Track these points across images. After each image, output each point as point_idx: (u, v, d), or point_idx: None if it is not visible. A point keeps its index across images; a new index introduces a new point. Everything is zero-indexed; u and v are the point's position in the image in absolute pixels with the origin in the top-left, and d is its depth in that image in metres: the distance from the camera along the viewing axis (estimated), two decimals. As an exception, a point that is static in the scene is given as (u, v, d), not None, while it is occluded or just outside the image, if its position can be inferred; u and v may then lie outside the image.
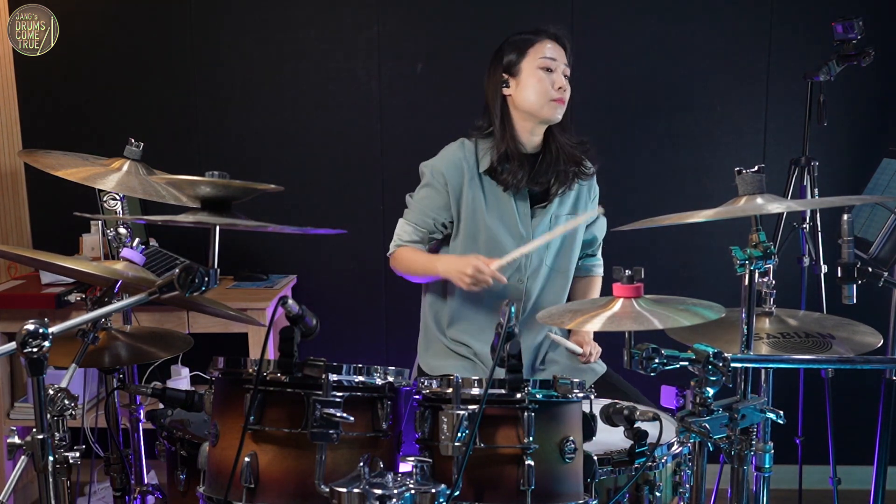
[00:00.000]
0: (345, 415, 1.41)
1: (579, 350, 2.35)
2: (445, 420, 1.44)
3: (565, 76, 2.30)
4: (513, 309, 1.47)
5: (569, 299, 2.47)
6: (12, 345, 1.28)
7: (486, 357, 2.35)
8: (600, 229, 2.52)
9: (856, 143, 3.30)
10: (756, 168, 1.65)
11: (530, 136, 2.32)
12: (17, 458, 1.37)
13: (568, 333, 2.48)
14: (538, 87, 2.25)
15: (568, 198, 2.39)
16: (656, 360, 1.50)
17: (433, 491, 1.37)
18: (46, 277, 3.08)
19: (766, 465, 1.74)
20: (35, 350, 1.25)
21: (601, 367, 2.41)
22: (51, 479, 1.33)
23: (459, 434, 1.43)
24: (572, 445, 1.52)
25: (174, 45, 3.35)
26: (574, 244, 2.41)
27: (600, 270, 2.57)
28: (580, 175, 2.37)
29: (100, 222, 3.22)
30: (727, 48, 3.28)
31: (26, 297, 3.04)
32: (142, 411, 2.11)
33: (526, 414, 1.48)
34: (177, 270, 1.38)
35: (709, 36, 3.28)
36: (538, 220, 2.35)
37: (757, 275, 1.65)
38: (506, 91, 2.30)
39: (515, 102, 2.29)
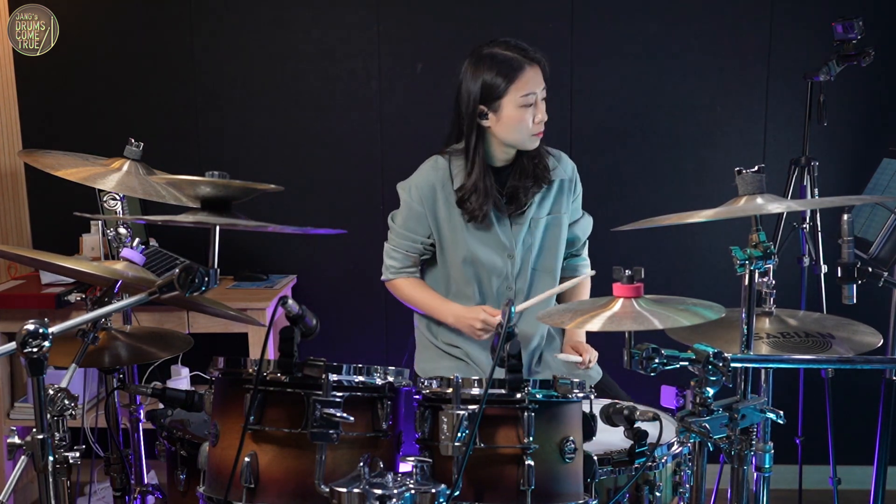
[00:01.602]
0: (345, 415, 1.41)
1: (578, 359, 2.35)
2: (445, 420, 1.45)
3: (543, 98, 2.26)
4: (513, 309, 1.47)
5: (558, 301, 2.47)
6: (12, 345, 1.28)
7: (478, 359, 2.35)
8: (583, 229, 2.50)
9: (856, 143, 3.30)
10: (756, 168, 1.65)
11: (503, 155, 2.32)
12: (17, 458, 1.37)
13: (562, 335, 2.48)
14: (520, 126, 2.22)
15: (546, 199, 2.37)
16: (656, 360, 1.50)
17: (433, 491, 1.37)
18: (46, 277, 3.08)
19: (766, 465, 1.74)
20: (35, 350, 1.25)
21: (597, 374, 2.41)
22: (51, 479, 1.33)
23: (459, 434, 1.43)
24: (572, 445, 1.52)
25: (174, 45, 3.35)
26: (558, 243, 2.41)
27: (587, 270, 2.55)
28: (542, 183, 2.33)
29: (100, 222, 3.22)
30: (727, 48, 3.28)
31: (26, 297, 3.04)
32: (142, 411, 2.11)
33: (526, 414, 1.48)
34: (177, 270, 1.38)
35: (709, 36, 3.28)
36: (518, 227, 2.34)
37: (757, 275, 1.65)
38: (484, 123, 2.25)
39: (495, 133, 2.26)
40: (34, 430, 1.33)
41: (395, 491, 1.36)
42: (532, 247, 2.37)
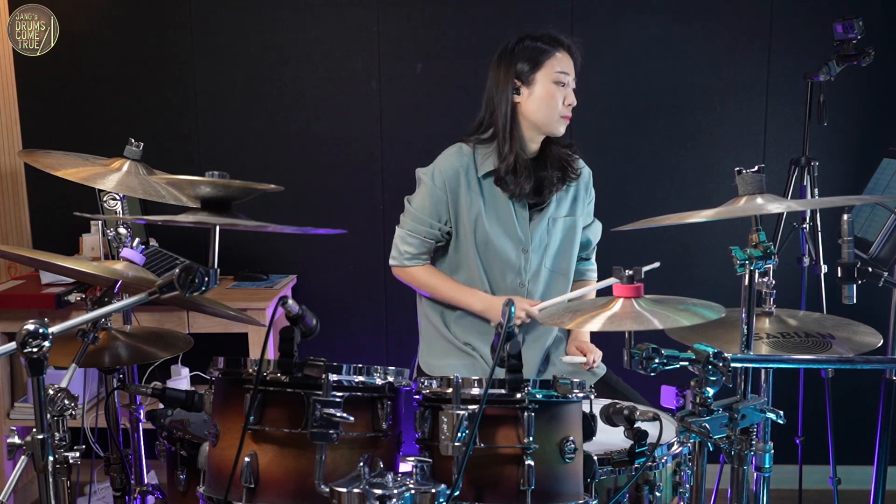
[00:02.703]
0: (345, 415, 1.41)
1: (583, 359, 2.36)
2: (445, 420, 1.44)
3: (573, 89, 2.31)
4: (513, 309, 1.47)
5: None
6: (12, 345, 1.28)
7: (489, 357, 2.35)
8: (595, 233, 2.52)
9: (856, 143, 3.30)
10: (756, 168, 1.65)
11: (530, 144, 2.34)
12: (17, 458, 1.37)
13: (566, 336, 2.48)
14: (550, 103, 2.25)
15: (565, 200, 2.40)
16: (656, 360, 1.50)
17: (433, 491, 1.37)
18: (46, 277, 3.08)
19: (766, 465, 1.74)
20: (35, 350, 1.25)
21: (601, 370, 2.41)
22: (51, 479, 1.33)
23: (459, 434, 1.43)
24: (572, 445, 1.52)
25: (174, 45, 3.36)
26: (573, 246, 2.42)
27: (594, 275, 2.58)
28: (568, 179, 2.37)
29: (100, 222, 3.22)
30: (727, 48, 3.28)
31: (26, 297, 3.04)
32: (142, 411, 2.11)
33: (526, 414, 1.48)
34: (177, 270, 1.38)
35: (709, 36, 3.28)
36: (535, 222, 2.35)
37: (757, 275, 1.65)
38: (516, 98, 2.28)
39: (524, 112, 2.28)
40: (34, 430, 1.33)
41: (395, 491, 1.36)
42: (549, 247, 2.37)
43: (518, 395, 1.49)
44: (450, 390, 1.49)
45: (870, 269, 1.76)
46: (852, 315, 1.91)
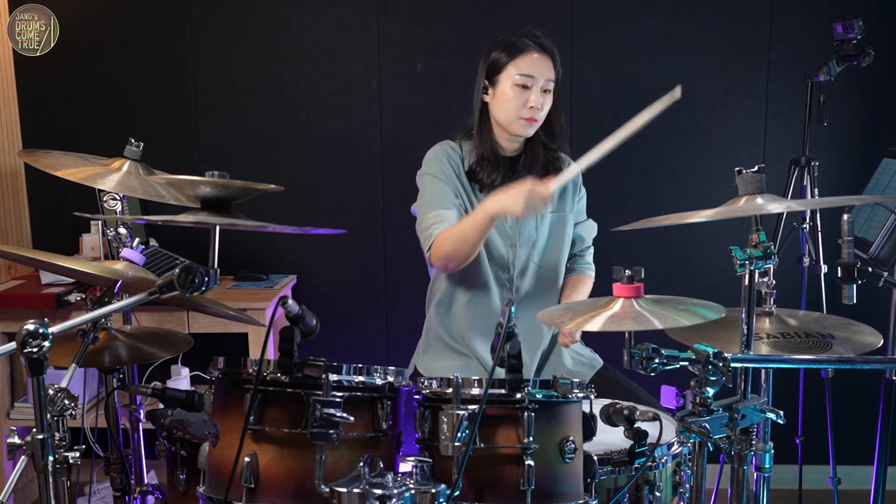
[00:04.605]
0: (345, 415, 1.41)
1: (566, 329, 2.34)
2: (445, 420, 1.44)
3: (546, 91, 2.25)
4: (513, 309, 1.47)
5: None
6: (12, 345, 1.28)
7: (488, 362, 2.35)
8: (587, 230, 2.51)
9: (856, 143, 3.30)
10: (756, 168, 1.65)
11: (508, 143, 2.34)
12: (17, 458, 1.37)
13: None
14: (510, 105, 2.23)
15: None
16: (656, 360, 1.50)
17: (433, 491, 1.37)
18: (46, 277, 3.08)
19: (766, 465, 1.74)
20: (35, 350, 1.25)
21: (598, 362, 2.42)
22: (51, 479, 1.33)
23: (459, 434, 1.43)
24: (572, 445, 1.52)
25: (174, 45, 3.36)
26: (563, 240, 2.41)
27: (591, 273, 2.55)
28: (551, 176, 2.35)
29: (100, 222, 3.22)
30: (727, 48, 3.28)
31: (26, 297, 3.04)
32: (142, 411, 2.11)
33: (526, 414, 1.47)
34: (177, 270, 1.38)
35: (709, 36, 3.28)
36: (523, 219, 2.34)
37: (757, 275, 1.65)
38: (485, 98, 2.30)
39: (492, 111, 2.30)
40: (34, 430, 1.33)
41: (395, 491, 1.36)
42: (537, 242, 2.37)
43: (518, 395, 1.49)
44: (450, 390, 1.49)
45: (870, 269, 1.76)
46: (852, 315, 1.91)
